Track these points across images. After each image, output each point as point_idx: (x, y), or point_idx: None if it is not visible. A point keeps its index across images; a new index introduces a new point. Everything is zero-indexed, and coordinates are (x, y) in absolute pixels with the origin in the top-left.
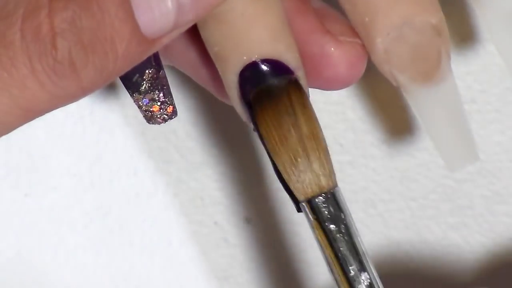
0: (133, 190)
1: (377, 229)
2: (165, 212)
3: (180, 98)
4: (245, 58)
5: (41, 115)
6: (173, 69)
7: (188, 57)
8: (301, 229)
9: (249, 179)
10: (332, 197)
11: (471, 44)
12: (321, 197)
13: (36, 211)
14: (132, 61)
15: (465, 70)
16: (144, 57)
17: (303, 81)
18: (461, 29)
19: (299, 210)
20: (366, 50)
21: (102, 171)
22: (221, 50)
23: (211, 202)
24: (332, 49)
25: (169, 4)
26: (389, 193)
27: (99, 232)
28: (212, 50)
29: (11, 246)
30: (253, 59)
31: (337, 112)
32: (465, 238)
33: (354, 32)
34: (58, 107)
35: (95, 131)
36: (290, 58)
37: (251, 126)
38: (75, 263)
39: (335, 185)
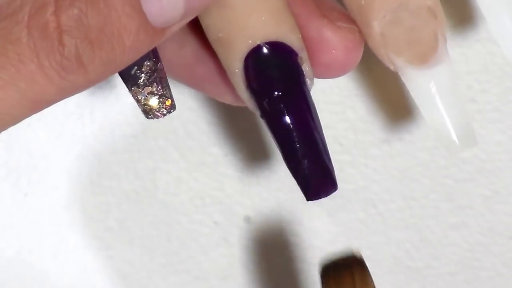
0: (133, 190)
1: (377, 228)
2: (165, 212)
3: (180, 98)
4: (250, 42)
5: (49, 106)
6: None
7: (181, 56)
8: (301, 229)
9: (249, 179)
10: None
11: (471, 43)
12: None
13: (36, 211)
14: (140, 52)
15: (465, 70)
16: (153, 47)
17: (306, 63)
18: (462, 28)
19: None
20: (362, 36)
21: (102, 171)
22: (225, 36)
23: (211, 202)
24: (330, 33)
25: None
26: (389, 193)
27: (99, 232)
28: (216, 37)
29: (11, 246)
30: (258, 43)
31: (337, 112)
32: (465, 238)
33: (350, 19)
34: (65, 98)
35: (95, 131)
36: (294, 39)
37: (258, 113)
38: (75, 263)
39: None
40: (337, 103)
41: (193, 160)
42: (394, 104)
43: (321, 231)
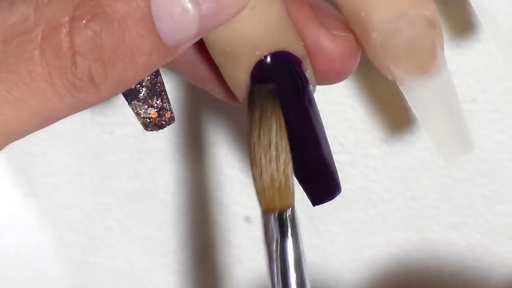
0: (133, 190)
1: (377, 228)
2: (165, 212)
3: (180, 98)
4: (257, 53)
5: (58, 120)
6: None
7: (185, 55)
8: (300, 229)
9: (249, 179)
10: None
11: (471, 43)
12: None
13: (36, 211)
14: (151, 70)
15: (465, 70)
16: (164, 63)
17: (310, 69)
18: (462, 29)
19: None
20: (359, 44)
21: (102, 171)
22: (233, 50)
23: (211, 202)
24: (327, 42)
25: (191, 13)
26: (389, 193)
27: (99, 231)
28: (223, 51)
29: (11, 245)
30: (266, 54)
31: (337, 112)
32: (465, 238)
33: (347, 26)
34: (75, 113)
35: (95, 131)
36: (298, 48)
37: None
38: (75, 263)
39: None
40: (337, 103)
41: (193, 160)
42: (394, 104)
43: (321, 231)
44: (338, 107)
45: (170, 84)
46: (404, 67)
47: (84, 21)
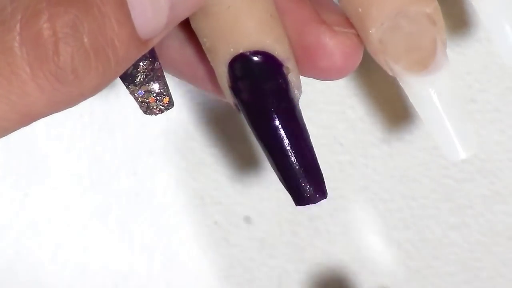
0: (133, 190)
1: (377, 228)
2: (165, 212)
3: (180, 98)
4: (232, 50)
5: (38, 119)
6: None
7: (184, 55)
8: (301, 229)
9: (249, 179)
10: None
11: (471, 43)
12: None
13: (36, 211)
14: (129, 63)
15: (465, 70)
16: (138, 58)
17: (293, 72)
18: (461, 29)
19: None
20: (361, 41)
21: (102, 171)
22: (210, 42)
23: (211, 202)
24: (328, 39)
25: (162, 2)
26: (389, 193)
27: (99, 232)
28: (202, 42)
29: (11, 246)
30: (241, 51)
31: (337, 112)
32: (465, 238)
33: (349, 22)
34: (56, 112)
35: (95, 131)
36: (278, 50)
37: (239, 112)
38: (75, 263)
39: None
40: (337, 103)
41: (193, 160)
42: (394, 104)
43: (321, 231)
44: (338, 107)
45: (171, 84)
46: (403, 63)
47: (63, 6)
